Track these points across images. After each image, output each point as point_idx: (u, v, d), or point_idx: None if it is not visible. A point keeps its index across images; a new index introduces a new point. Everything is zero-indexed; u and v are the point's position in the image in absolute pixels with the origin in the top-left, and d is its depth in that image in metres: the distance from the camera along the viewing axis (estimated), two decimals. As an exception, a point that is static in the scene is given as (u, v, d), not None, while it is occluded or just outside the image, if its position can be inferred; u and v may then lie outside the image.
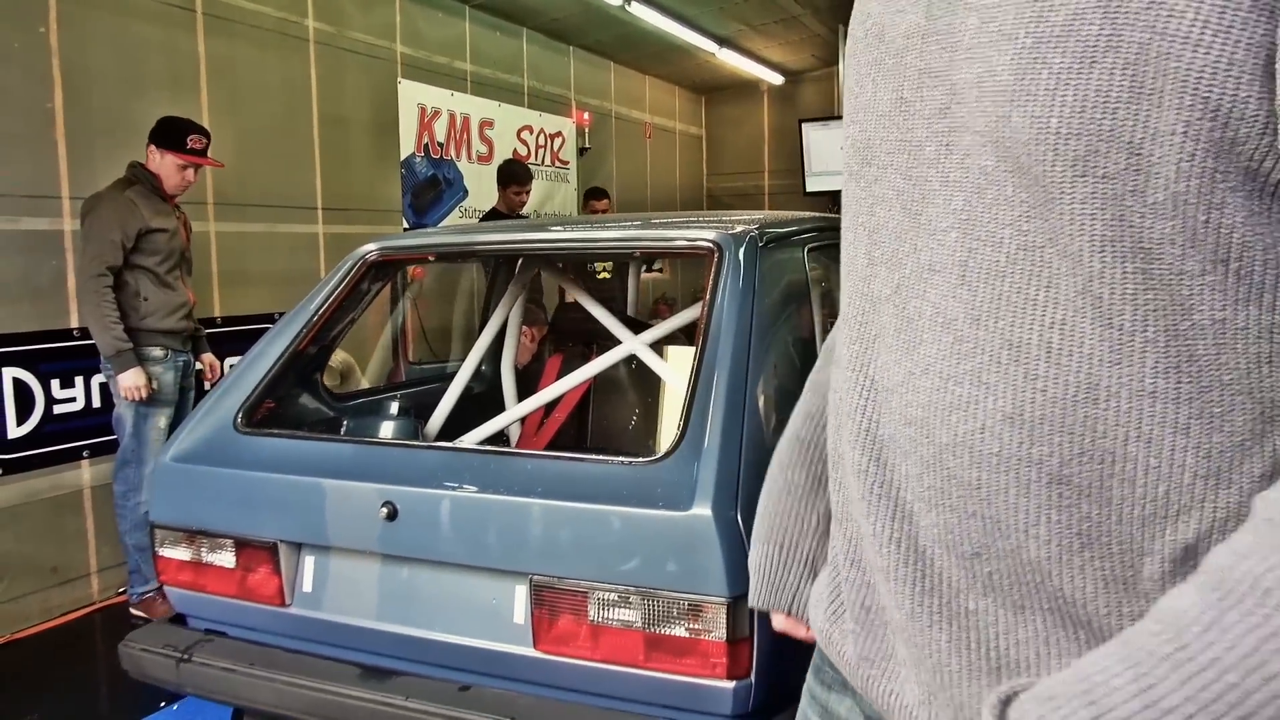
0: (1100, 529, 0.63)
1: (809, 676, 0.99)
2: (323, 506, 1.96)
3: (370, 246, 2.41)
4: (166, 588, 2.17)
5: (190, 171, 3.50)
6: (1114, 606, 0.64)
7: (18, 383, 3.48)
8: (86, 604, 3.74)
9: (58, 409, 3.61)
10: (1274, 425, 0.61)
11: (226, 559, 2.07)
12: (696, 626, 1.67)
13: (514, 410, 2.65)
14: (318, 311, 2.32)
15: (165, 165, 3.44)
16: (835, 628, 0.86)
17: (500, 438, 2.90)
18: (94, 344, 3.36)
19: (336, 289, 2.36)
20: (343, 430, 2.54)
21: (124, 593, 3.66)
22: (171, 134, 3.44)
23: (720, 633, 1.66)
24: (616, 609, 1.73)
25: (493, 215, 5.58)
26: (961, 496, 0.67)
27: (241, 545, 2.05)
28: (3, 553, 3.48)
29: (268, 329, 2.15)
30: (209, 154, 3.54)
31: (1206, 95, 0.56)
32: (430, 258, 2.50)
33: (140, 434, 3.41)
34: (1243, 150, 0.56)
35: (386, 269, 2.51)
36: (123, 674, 2.99)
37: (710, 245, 2.06)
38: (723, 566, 1.64)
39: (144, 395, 3.33)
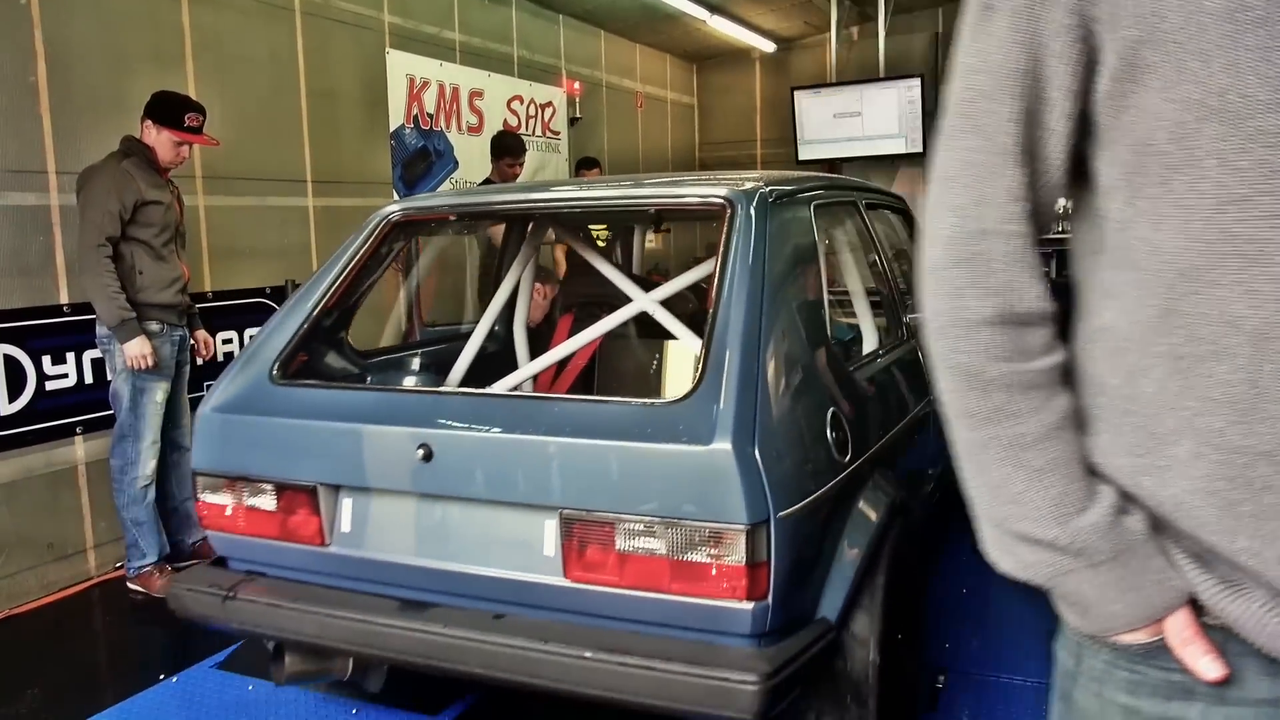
0: None
1: (1113, 690, 0.83)
2: (360, 450, 2.08)
3: (393, 207, 2.51)
4: (209, 533, 2.28)
5: (185, 148, 3.49)
6: None
7: (8, 359, 3.43)
8: (84, 579, 3.71)
9: (50, 385, 3.56)
10: None
11: (267, 502, 2.18)
12: (717, 552, 1.80)
13: (529, 366, 2.76)
14: (343, 271, 2.43)
15: (161, 141, 3.43)
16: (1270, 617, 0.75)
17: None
18: (84, 320, 3.24)
19: (360, 250, 2.46)
20: (369, 383, 2.65)
21: (121, 567, 3.64)
22: (169, 110, 3.42)
23: (740, 557, 1.78)
24: (642, 538, 1.85)
25: None
26: None
27: (281, 489, 2.16)
28: (-1, 529, 3.49)
29: (260, 303, 2.16)
30: (205, 131, 3.52)
31: None
32: (451, 217, 2.60)
33: (138, 408, 3.39)
34: None
35: (408, 229, 2.61)
36: (121, 648, 2.99)
37: (722, 201, 2.17)
38: (742, 496, 1.76)
39: (150, 364, 3.31)
